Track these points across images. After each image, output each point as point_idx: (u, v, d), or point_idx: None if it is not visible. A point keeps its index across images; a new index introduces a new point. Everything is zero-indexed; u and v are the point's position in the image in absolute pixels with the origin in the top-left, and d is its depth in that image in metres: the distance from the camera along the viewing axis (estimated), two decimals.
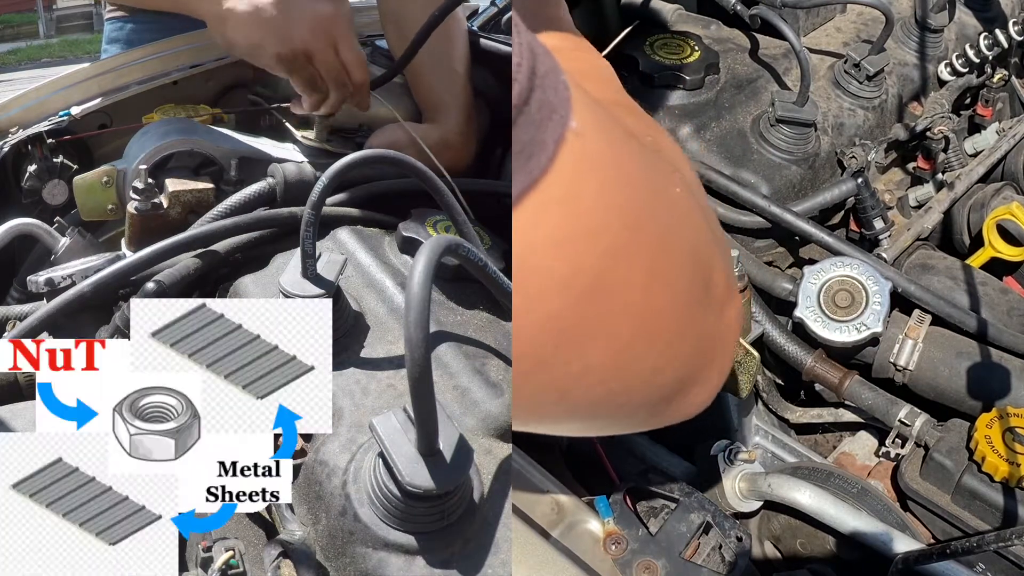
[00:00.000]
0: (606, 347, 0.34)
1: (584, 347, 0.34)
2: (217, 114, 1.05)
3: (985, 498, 0.82)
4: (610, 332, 0.34)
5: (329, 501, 0.57)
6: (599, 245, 0.32)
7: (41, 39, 11.75)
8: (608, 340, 0.34)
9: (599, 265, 0.32)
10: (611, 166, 0.33)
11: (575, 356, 0.33)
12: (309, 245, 0.66)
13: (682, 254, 0.38)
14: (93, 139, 1.09)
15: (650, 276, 0.35)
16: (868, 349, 0.97)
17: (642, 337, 0.36)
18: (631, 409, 0.40)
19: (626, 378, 0.37)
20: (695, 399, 0.43)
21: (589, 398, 0.37)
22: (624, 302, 0.34)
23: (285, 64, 0.90)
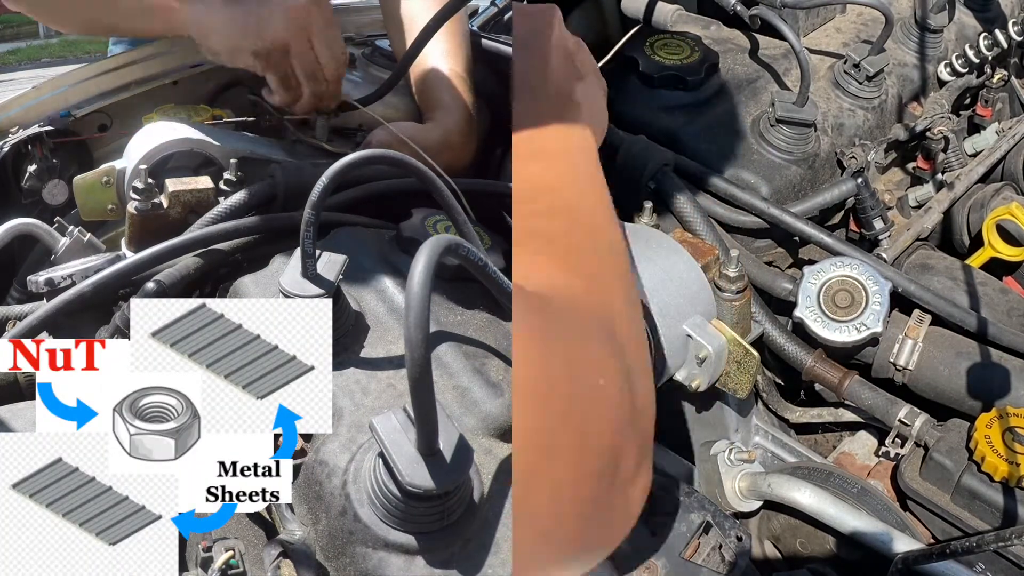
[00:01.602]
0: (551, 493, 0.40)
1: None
2: (217, 115, 1.05)
3: (985, 498, 0.82)
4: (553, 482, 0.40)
5: (329, 501, 0.57)
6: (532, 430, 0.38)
7: (41, 39, 11.74)
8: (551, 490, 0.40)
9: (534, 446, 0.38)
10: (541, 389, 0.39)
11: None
12: (309, 245, 0.66)
13: (594, 451, 0.42)
14: (93, 139, 1.09)
15: (570, 471, 0.40)
16: (868, 349, 0.97)
17: (562, 501, 0.41)
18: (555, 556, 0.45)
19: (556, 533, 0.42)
20: (589, 560, 0.47)
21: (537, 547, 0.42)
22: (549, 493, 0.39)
23: (262, 60, 0.91)
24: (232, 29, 0.90)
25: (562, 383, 0.41)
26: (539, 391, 0.40)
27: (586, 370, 0.43)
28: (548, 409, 0.40)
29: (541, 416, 0.39)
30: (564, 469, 0.41)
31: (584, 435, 0.42)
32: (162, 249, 0.76)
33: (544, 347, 0.41)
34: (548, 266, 0.47)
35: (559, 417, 0.40)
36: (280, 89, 0.93)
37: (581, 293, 0.49)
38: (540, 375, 0.40)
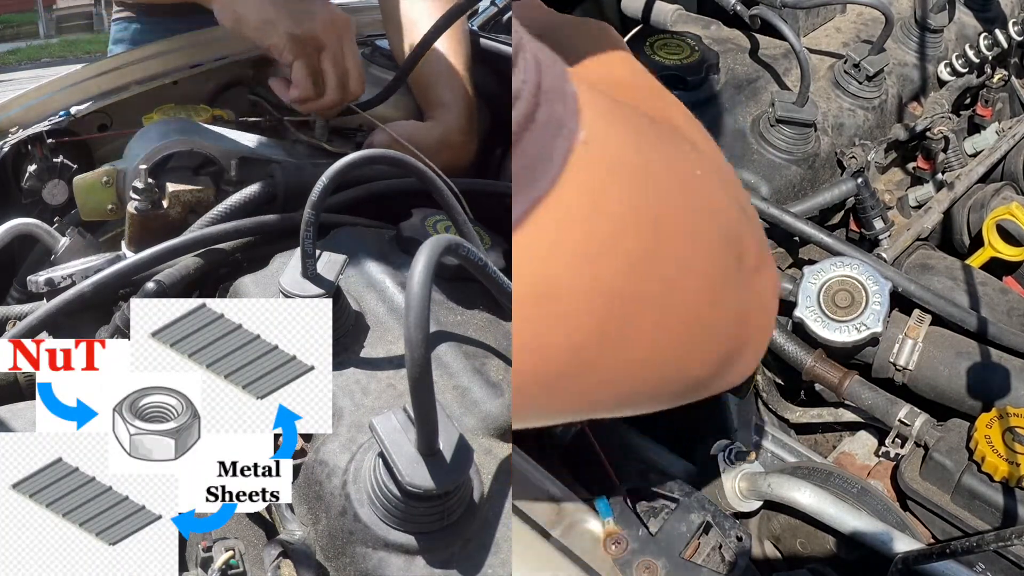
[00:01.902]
0: (637, 344, 0.35)
1: (626, 347, 0.34)
2: (217, 115, 1.05)
3: (985, 498, 0.82)
4: (641, 330, 0.34)
5: (329, 501, 0.57)
6: (622, 250, 0.32)
7: (41, 39, 11.75)
8: (639, 337, 0.34)
9: (622, 270, 0.32)
10: (627, 170, 0.33)
11: (620, 355, 0.34)
12: (309, 245, 0.66)
13: (709, 239, 0.38)
14: (93, 139, 1.09)
15: (680, 269, 0.35)
16: (868, 349, 0.97)
17: (672, 330, 0.36)
18: (677, 389, 0.41)
19: (663, 367, 0.37)
20: (735, 372, 0.43)
21: (638, 388, 0.37)
22: (651, 300, 0.34)
23: (296, 46, 0.88)
24: (269, 3, 0.87)
25: (660, 169, 0.35)
26: (645, 203, 0.33)
27: (678, 159, 0.38)
28: (659, 213, 0.34)
29: (654, 227, 0.33)
30: (688, 250, 0.36)
31: (697, 217, 0.37)
32: (162, 249, 0.76)
33: (625, 133, 0.34)
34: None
35: (672, 198, 0.35)
36: (306, 83, 0.90)
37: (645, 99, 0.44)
38: (633, 160, 0.33)
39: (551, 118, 0.29)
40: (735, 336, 0.41)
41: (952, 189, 1.14)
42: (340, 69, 0.91)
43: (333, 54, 0.90)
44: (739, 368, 0.43)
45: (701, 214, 0.37)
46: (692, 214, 0.37)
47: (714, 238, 0.38)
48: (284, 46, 0.88)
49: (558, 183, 0.29)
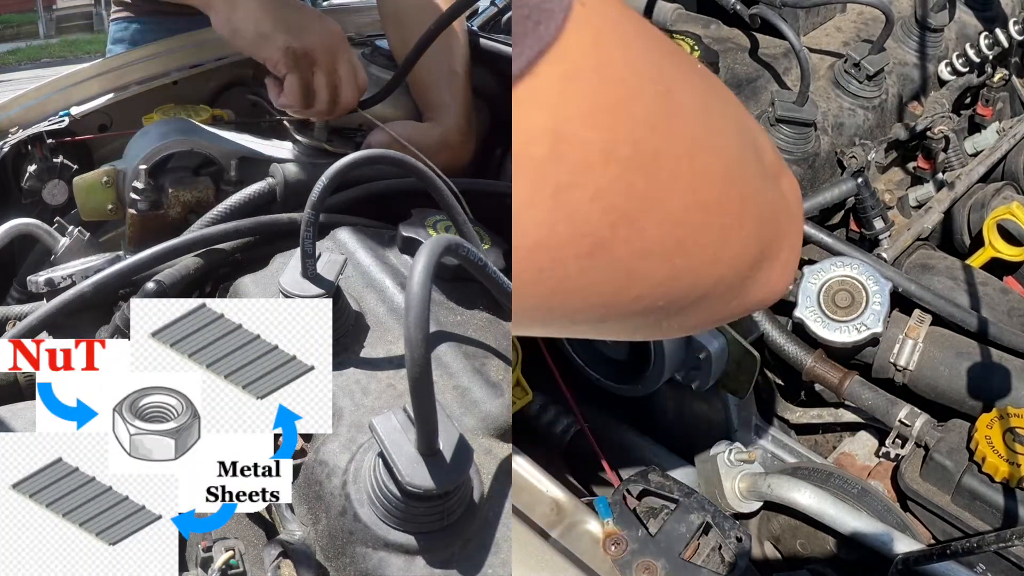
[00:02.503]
0: (662, 220, 0.33)
1: (639, 222, 0.32)
2: (217, 115, 1.05)
3: (985, 498, 0.82)
4: (662, 204, 0.33)
5: (329, 501, 0.57)
6: (635, 112, 0.31)
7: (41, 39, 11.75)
8: (662, 213, 0.33)
9: (637, 134, 0.31)
10: (631, 34, 0.32)
11: (633, 233, 0.32)
12: (309, 245, 0.66)
13: (724, 122, 0.36)
14: (93, 139, 1.09)
15: (695, 143, 0.34)
16: (868, 349, 0.97)
17: (696, 208, 0.34)
18: (705, 290, 0.38)
19: (690, 253, 0.35)
20: (771, 276, 0.41)
21: (656, 278, 0.35)
22: (671, 172, 0.32)
23: (291, 59, 0.88)
24: (267, 14, 0.88)
25: (661, 47, 0.34)
26: (651, 71, 0.32)
27: (684, 54, 0.36)
28: (668, 87, 0.32)
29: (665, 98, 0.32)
30: (705, 131, 0.34)
31: (709, 102, 0.35)
32: (162, 249, 0.76)
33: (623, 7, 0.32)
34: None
35: (683, 96, 0.33)
36: (298, 95, 0.91)
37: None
38: (632, 29, 0.32)
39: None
40: (766, 236, 0.40)
41: (952, 189, 1.14)
42: (332, 83, 0.91)
43: (327, 69, 0.90)
44: (770, 277, 0.41)
45: (711, 99, 0.36)
46: (703, 98, 0.35)
47: (730, 127, 0.37)
48: (279, 60, 0.89)
49: (560, 37, 0.28)
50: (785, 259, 0.42)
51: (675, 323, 0.41)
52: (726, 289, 0.40)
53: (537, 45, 0.27)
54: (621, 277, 0.34)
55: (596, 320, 0.38)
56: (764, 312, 0.99)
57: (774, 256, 0.41)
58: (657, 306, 0.37)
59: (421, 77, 1.02)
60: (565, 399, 0.92)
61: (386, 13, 1.11)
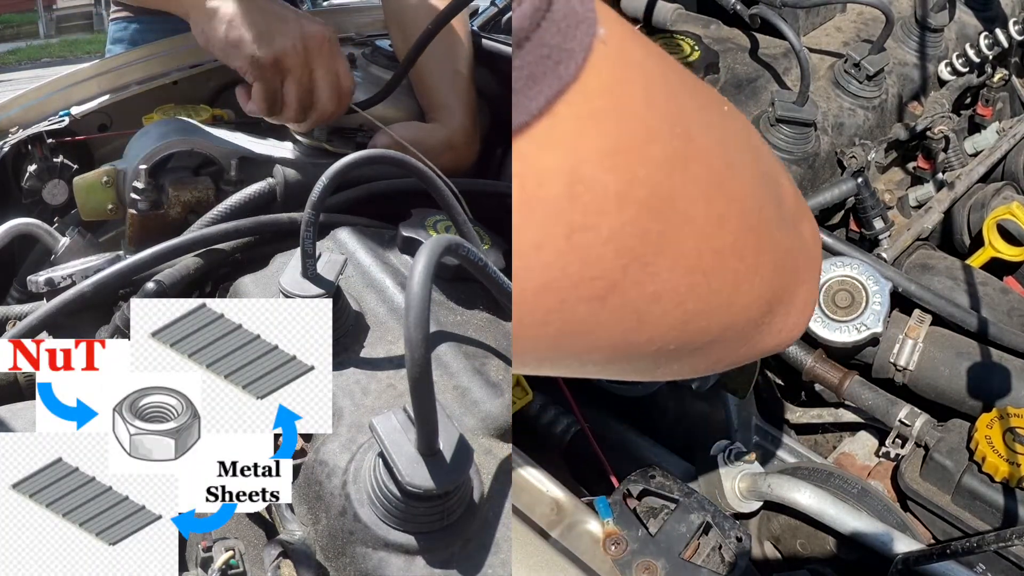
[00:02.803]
0: (675, 264, 0.32)
1: (652, 265, 0.31)
2: (217, 115, 1.05)
3: (985, 498, 0.82)
4: (676, 248, 0.32)
5: (329, 501, 0.57)
6: (653, 154, 0.30)
7: (41, 39, 11.76)
8: (676, 257, 0.32)
9: (654, 177, 0.30)
10: (653, 74, 0.31)
11: (645, 276, 0.31)
12: (309, 245, 0.66)
13: (743, 165, 0.36)
14: (93, 139, 1.09)
15: (712, 187, 0.33)
16: (868, 349, 0.97)
17: (711, 252, 0.34)
18: (716, 334, 0.38)
19: (703, 298, 0.35)
20: (785, 323, 0.41)
21: (668, 322, 0.34)
22: (686, 216, 0.32)
23: (256, 69, 0.87)
24: (238, 24, 0.87)
25: (682, 86, 0.33)
26: (671, 113, 0.31)
27: (701, 88, 0.36)
28: (687, 129, 0.32)
29: (684, 140, 0.32)
30: (725, 174, 0.34)
31: (730, 144, 0.35)
32: (162, 249, 0.76)
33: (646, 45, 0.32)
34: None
35: (703, 139, 0.33)
36: (262, 104, 0.89)
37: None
38: (654, 69, 0.32)
39: (569, 11, 0.28)
40: (781, 282, 0.39)
41: (952, 189, 1.14)
42: (303, 91, 0.89)
43: (297, 77, 0.88)
44: (785, 323, 0.40)
45: (731, 142, 0.36)
46: (722, 137, 0.35)
47: (750, 171, 0.36)
48: (246, 68, 0.87)
49: (580, 77, 0.27)
50: (801, 305, 0.42)
51: (686, 365, 0.41)
52: (738, 334, 0.39)
53: (557, 85, 0.27)
54: (631, 320, 0.33)
55: (604, 362, 0.38)
56: None
57: (789, 302, 0.40)
58: (667, 350, 0.37)
59: (425, 78, 1.02)
60: (565, 399, 0.92)
61: (390, 14, 1.11)
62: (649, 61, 0.32)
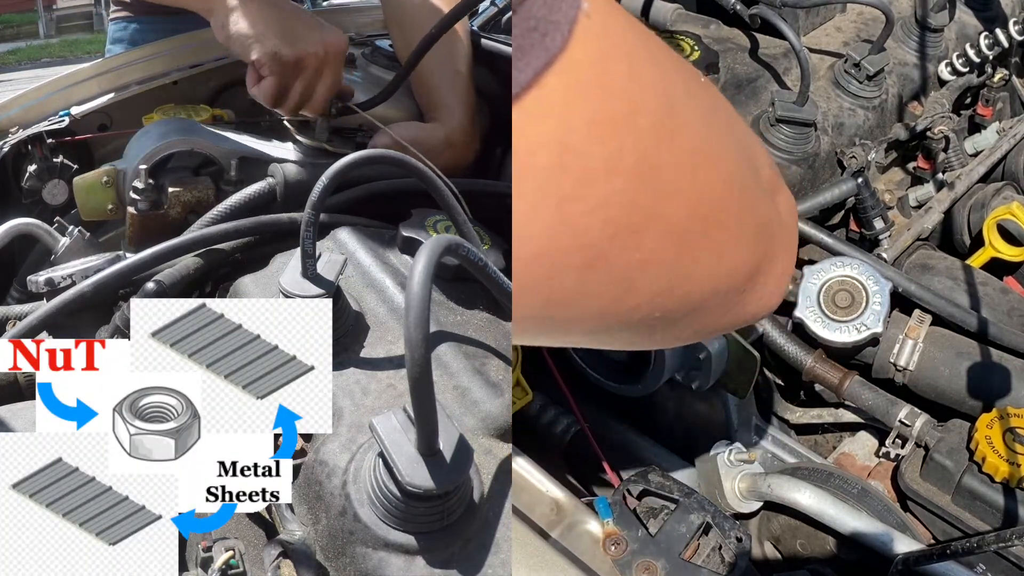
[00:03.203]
0: (663, 232, 0.33)
1: (640, 234, 0.32)
2: (217, 115, 1.05)
3: (985, 499, 0.82)
4: (664, 216, 0.33)
5: (329, 501, 0.57)
6: (639, 125, 0.31)
7: (41, 39, 11.75)
8: (662, 225, 0.33)
9: (641, 146, 0.31)
10: (636, 47, 0.32)
11: (633, 244, 0.32)
12: (309, 245, 0.66)
13: (724, 135, 0.37)
14: (93, 139, 1.09)
15: (697, 157, 0.34)
16: (868, 349, 0.97)
17: (696, 220, 0.35)
18: (699, 302, 0.39)
19: (688, 265, 0.36)
20: (764, 290, 0.42)
21: (654, 289, 0.35)
22: (673, 184, 0.33)
23: (276, 65, 0.89)
24: (262, 21, 0.89)
25: (665, 59, 0.34)
26: (656, 85, 0.32)
27: (682, 63, 0.36)
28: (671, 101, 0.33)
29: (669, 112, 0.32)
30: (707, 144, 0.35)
31: (710, 117, 0.36)
32: (162, 249, 0.76)
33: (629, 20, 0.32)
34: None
35: (686, 111, 0.34)
36: (270, 97, 0.92)
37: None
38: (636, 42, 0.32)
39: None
40: (760, 250, 0.40)
41: (952, 189, 1.14)
42: (307, 91, 0.93)
43: (308, 77, 0.91)
44: (764, 291, 0.41)
45: (714, 115, 0.36)
46: (705, 110, 0.36)
47: (730, 142, 0.37)
48: (265, 63, 0.89)
49: (566, 49, 0.28)
50: (780, 273, 0.43)
51: (670, 334, 0.42)
52: (722, 301, 0.40)
53: (544, 56, 0.27)
54: (619, 287, 0.34)
55: (593, 330, 0.39)
56: None
57: (769, 270, 0.41)
58: (654, 316, 0.37)
59: (424, 78, 1.03)
60: (565, 399, 0.92)
61: (390, 14, 1.11)
62: (631, 35, 0.32)
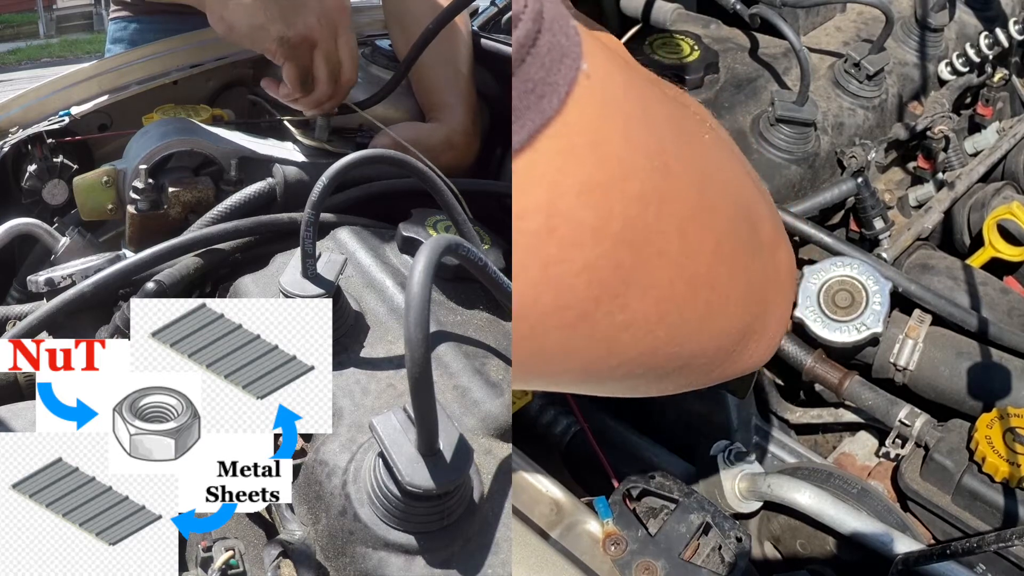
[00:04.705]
0: (646, 294, 0.33)
1: (624, 297, 0.32)
2: (217, 115, 1.05)
3: (985, 499, 0.82)
4: (649, 280, 0.33)
5: (329, 501, 0.57)
6: (629, 190, 0.31)
7: (41, 39, 11.76)
8: (647, 288, 0.33)
9: (631, 210, 0.31)
10: (634, 109, 0.32)
11: (616, 306, 0.32)
12: (309, 245, 0.66)
13: (720, 197, 0.37)
14: (93, 139, 1.09)
15: (686, 220, 0.34)
16: (868, 349, 0.97)
17: (682, 283, 0.35)
18: (685, 360, 0.39)
19: (673, 326, 0.35)
20: (755, 350, 0.41)
21: (638, 350, 0.35)
22: (660, 249, 0.33)
23: (286, 49, 0.87)
24: (258, 7, 0.86)
25: (663, 121, 0.34)
26: (650, 148, 0.32)
27: (684, 119, 0.37)
28: (665, 163, 0.33)
29: (661, 175, 0.32)
30: (700, 207, 0.34)
31: (707, 178, 0.36)
32: (162, 249, 0.76)
33: (629, 79, 0.33)
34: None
35: (680, 173, 0.34)
36: (296, 83, 0.90)
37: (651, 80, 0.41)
38: (635, 104, 0.32)
39: (554, 45, 0.28)
40: (752, 312, 0.40)
41: (952, 189, 1.14)
42: (332, 63, 0.90)
43: (326, 50, 0.89)
44: (756, 349, 0.41)
45: (711, 174, 0.36)
46: (701, 171, 0.35)
47: (725, 199, 0.37)
48: (276, 50, 0.87)
49: (561, 112, 0.28)
50: (772, 333, 0.42)
51: (654, 388, 0.42)
52: (709, 360, 0.40)
53: (539, 119, 0.28)
54: (601, 347, 0.34)
55: (579, 381, 0.39)
56: None
57: (761, 329, 0.41)
58: (636, 373, 0.38)
59: (425, 77, 1.02)
60: (565, 399, 0.92)
61: (391, 14, 1.11)
62: (632, 94, 0.32)
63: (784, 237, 0.43)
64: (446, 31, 0.92)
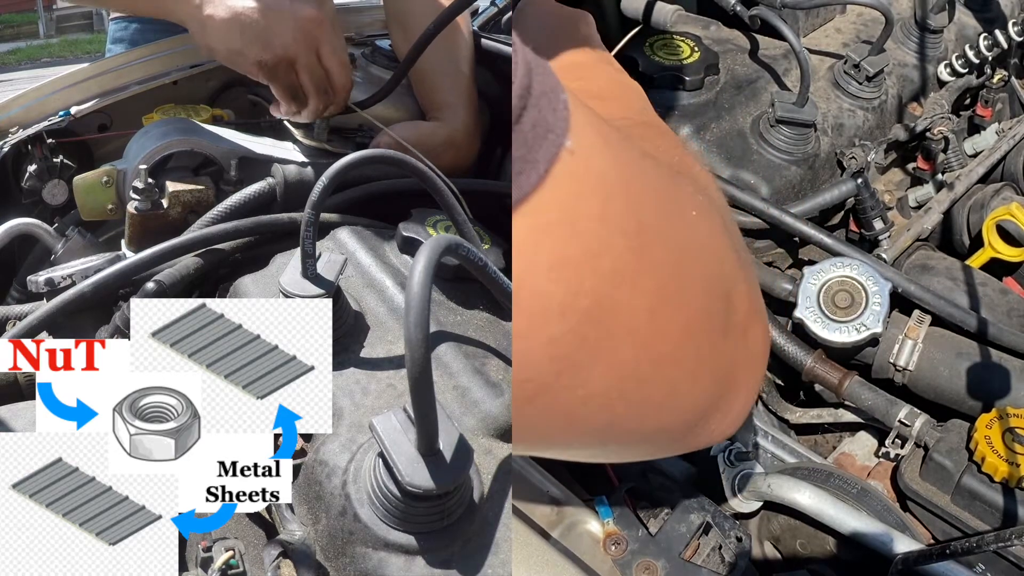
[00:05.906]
0: (608, 373, 0.33)
1: (586, 372, 0.32)
2: (217, 115, 1.05)
3: (985, 498, 0.82)
4: (613, 357, 0.33)
5: (329, 501, 0.57)
6: (601, 267, 0.31)
7: (41, 39, 11.76)
8: (610, 364, 0.33)
9: (600, 288, 0.31)
10: (614, 187, 0.32)
11: (577, 381, 0.33)
12: (309, 245, 0.66)
13: (696, 277, 0.37)
14: (93, 139, 1.09)
15: (658, 299, 0.34)
16: (868, 349, 0.97)
17: (648, 362, 0.34)
18: (645, 435, 0.39)
19: (633, 404, 0.36)
20: (717, 426, 0.41)
21: (597, 424, 0.35)
22: (627, 326, 0.33)
23: (266, 72, 0.87)
24: (234, 31, 0.86)
25: (645, 197, 0.34)
26: (628, 226, 0.32)
27: (669, 193, 0.36)
28: (642, 242, 0.33)
29: (636, 253, 0.32)
30: (673, 287, 0.34)
31: (685, 256, 0.36)
32: (162, 249, 0.76)
33: (617, 154, 0.33)
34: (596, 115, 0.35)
35: (657, 251, 0.34)
36: (286, 101, 0.90)
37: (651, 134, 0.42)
38: (616, 181, 0.32)
39: (538, 122, 0.29)
40: (718, 391, 0.39)
41: (952, 189, 1.14)
42: (317, 76, 0.90)
43: (307, 65, 0.89)
44: (718, 426, 0.41)
45: (689, 253, 0.36)
46: (679, 250, 0.35)
47: (702, 281, 0.37)
48: (256, 73, 0.88)
49: (539, 189, 0.29)
50: (737, 412, 0.42)
51: (614, 456, 0.42)
52: (669, 436, 0.40)
53: (517, 195, 0.28)
54: (562, 420, 0.34)
55: (537, 450, 0.41)
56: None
57: (726, 408, 0.41)
58: (596, 444, 0.38)
59: (426, 77, 1.02)
60: None
61: (392, 14, 1.10)
62: (615, 172, 0.32)
63: (761, 314, 0.43)
64: (447, 31, 0.92)
